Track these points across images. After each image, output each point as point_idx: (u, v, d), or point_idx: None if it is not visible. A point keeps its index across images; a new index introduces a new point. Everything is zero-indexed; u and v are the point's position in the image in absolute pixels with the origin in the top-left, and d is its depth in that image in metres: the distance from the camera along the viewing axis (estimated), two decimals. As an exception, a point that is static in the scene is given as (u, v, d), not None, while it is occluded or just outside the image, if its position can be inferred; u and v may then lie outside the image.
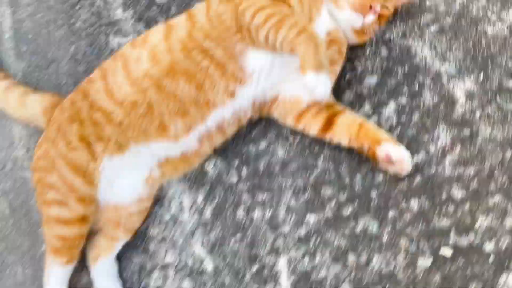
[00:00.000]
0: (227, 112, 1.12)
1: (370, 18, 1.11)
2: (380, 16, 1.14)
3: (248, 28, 1.06)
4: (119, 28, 1.39)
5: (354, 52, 1.24)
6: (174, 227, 1.24)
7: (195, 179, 1.26)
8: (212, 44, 1.08)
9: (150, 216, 1.26)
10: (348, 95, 1.23)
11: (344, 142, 1.12)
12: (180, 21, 1.15)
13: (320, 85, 0.99)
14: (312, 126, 1.15)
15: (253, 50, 1.09)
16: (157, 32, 1.15)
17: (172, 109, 1.09)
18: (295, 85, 1.12)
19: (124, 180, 1.16)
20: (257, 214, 1.20)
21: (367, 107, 1.21)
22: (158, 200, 1.26)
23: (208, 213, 1.23)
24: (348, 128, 1.11)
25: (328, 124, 1.12)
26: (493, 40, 1.18)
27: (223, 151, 1.25)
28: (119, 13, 1.41)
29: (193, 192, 1.25)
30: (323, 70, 0.99)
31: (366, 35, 1.18)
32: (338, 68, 1.18)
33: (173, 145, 1.14)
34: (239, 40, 1.08)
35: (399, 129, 1.18)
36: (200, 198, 1.24)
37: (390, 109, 1.20)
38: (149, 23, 1.37)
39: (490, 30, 1.19)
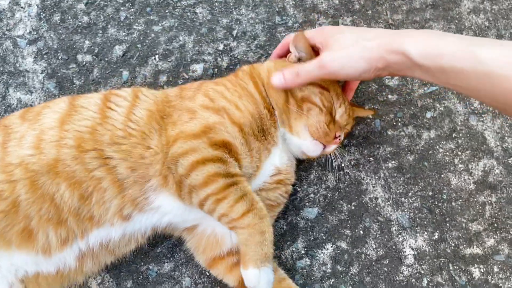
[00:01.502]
0: (116, 233, 0.87)
1: (332, 147, 0.92)
2: None
3: (178, 180, 0.82)
4: (24, 81, 1.12)
5: (296, 171, 1.03)
6: None
7: (72, 297, 0.98)
8: (118, 155, 0.84)
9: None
10: (280, 224, 1.01)
11: None
12: (89, 104, 0.89)
13: (263, 281, 0.79)
14: (227, 279, 0.93)
15: (170, 195, 0.85)
16: (55, 109, 0.89)
17: (43, 214, 0.83)
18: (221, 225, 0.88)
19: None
20: None
21: (299, 244, 0.99)
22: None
23: None
24: None
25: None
26: (456, 193, 1.00)
27: (115, 267, 0.99)
28: (28, 62, 1.14)
29: (65, 315, 0.97)
30: (268, 263, 0.80)
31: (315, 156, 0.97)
32: (278, 211, 0.97)
33: (44, 260, 0.86)
34: (156, 175, 0.84)
35: (332, 280, 0.97)
36: (72, 324, 0.96)
37: (326, 253, 0.99)
38: (62, 84, 1.11)
39: (454, 181, 1.01)
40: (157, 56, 1.12)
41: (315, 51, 0.88)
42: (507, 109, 0.63)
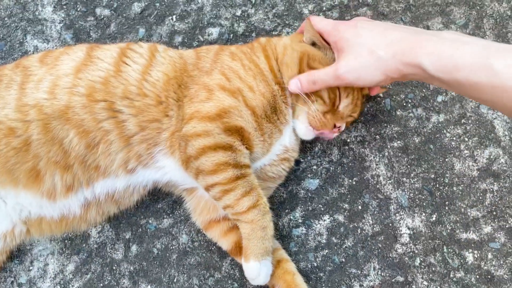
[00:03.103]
0: (120, 184, 0.89)
1: (332, 135, 0.92)
2: None
3: (186, 158, 0.84)
4: (42, 29, 1.13)
5: (301, 143, 1.03)
6: (27, 296, 0.98)
7: (72, 241, 1.01)
8: (129, 110, 0.85)
9: (2, 271, 0.99)
10: (281, 192, 1.02)
11: None
12: (105, 57, 0.89)
13: (262, 274, 0.83)
14: (221, 243, 0.95)
15: (176, 163, 0.87)
16: (73, 57, 0.90)
17: (52, 156, 0.85)
18: None
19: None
20: (132, 307, 0.97)
21: (297, 213, 1.01)
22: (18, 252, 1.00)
23: (73, 289, 0.98)
24: None
25: (240, 247, 0.91)
26: (459, 178, 1.00)
27: (116, 217, 1.01)
28: (48, 11, 1.15)
29: (64, 258, 1.00)
30: (268, 256, 0.83)
31: None
32: (279, 182, 0.99)
33: (48, 204, 0.89)
34: (166, 143, 0.86)
35: (326, 251, 0.98)
36: (70, 268, 0.99)
37: (322, 224, 1.00)
38: (79, 35, 1.12)
39: (458, 166, 1.01)
40: (174, 17, 1.12)
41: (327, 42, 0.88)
42: None
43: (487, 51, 0.62)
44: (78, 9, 1.15)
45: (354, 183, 1.02)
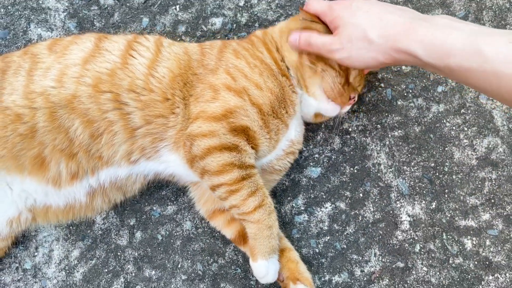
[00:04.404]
0: (124, 173, 0.90)
1: (347, 108, 0.94)
2: None
3: (191, 157, 0.84)
4: (46, 18, 1.14)
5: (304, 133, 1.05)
6: (32, 281, 0.99)
7: (77, 228, 1.02)
8: (134, 103, 0.86)
9: (7, 256, 1.00)
10: (283, 180, 1.03)
11: None
12: (113, 49, 0.90)
13: (271, 272, 0.84)
14: (224, 232, 0.97)
15: (180, 159, 0.88)
16: (82, 47, 0.90)
17: (57, 144, 0.86)
18: None
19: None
20: (136, 292, 0.98)
21: (300, 201, 1.02)
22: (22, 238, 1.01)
23: (78, 275, 0.99)
24: None
25: (243, 237, 0.92)
26: (458, 167, 1.02)
27: (121, 204, 1.02)
28: (51, 0, 1.15)
29: (69, 244, 1.01)
30: (275, 254, 0.85)
31: (325, 118, 0.99)
32: (283, 174, 1.01)
33: (54, 191, 0.90)
34: (172, 139, 0.87)
35: (327, 237, 1.00)
36: (75, 254, 1.00)
37: (324, 212, 1.02)
38: (83, 24, 1.13)
39: (457, 155, 1.03)
40: (178, 6, 1.13)
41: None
42: None
43: (477, 36, 0.62)
44: (82, -2, 1.15)
45: (355, 171, 1.03)
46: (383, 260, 0.98)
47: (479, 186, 1.01)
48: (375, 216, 1.00)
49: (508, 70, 0.59)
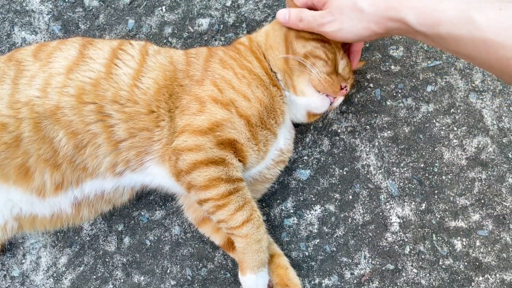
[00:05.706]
0: (110, 185, 0.89)
1: (339, 100, 0.91)
2: None
3: (177, 171, 0.82)
4: (30, 21, 1.12)
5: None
6: (20, 289, 0.98)
7: (64, 234, 1.01)
8: (118, 115, 0.83)
9: (-5, 265, 0.99)
10: (272, 183, 1.02)
11: None
12: (98, 57, 0.87)
13: (260, 285, 0.83)
14: (213, 238, 0.97)
15: (166, 173, 0.86)
16: (66, 55, 0.88)
17: (42, 154, 0.84)
18: None
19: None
20: (125, 299, 0.97)
21: (289, 204, 1.02)
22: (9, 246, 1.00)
23: (67, 282, 0.99)
24: None
25: (232, 243, 0.92)
26: (448, 167, 1.02)
27: (109, 211, 1.01)
28: (35, 2, 1.13)
29: (57, 251, 1.00)
30: (263, 267, 0.83)
31: (318, 116, 0.97)
32: (273, 181, 0.99)
33: (38, 201, 0.89)
34: (157, 152, 0.85)
35: (317, 240, 0.99)
36: (62, 261, 1.00)
37: (314, 214, 1.01)
38: (67, 26, 1.11)
39: (447, 155, 1.02)
40: (164, 7, 1.11)
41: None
42: (503, 76, 0.63)
43: (468, 4, 0.62)
44: (66, 0, 1.13)
45: (344, 173, 1.02)
46: (373, 262, 0.98)
47: (469, 186, 1.01)
48: (365, 218, 1.00)
49: (498, 38, 0.59)
